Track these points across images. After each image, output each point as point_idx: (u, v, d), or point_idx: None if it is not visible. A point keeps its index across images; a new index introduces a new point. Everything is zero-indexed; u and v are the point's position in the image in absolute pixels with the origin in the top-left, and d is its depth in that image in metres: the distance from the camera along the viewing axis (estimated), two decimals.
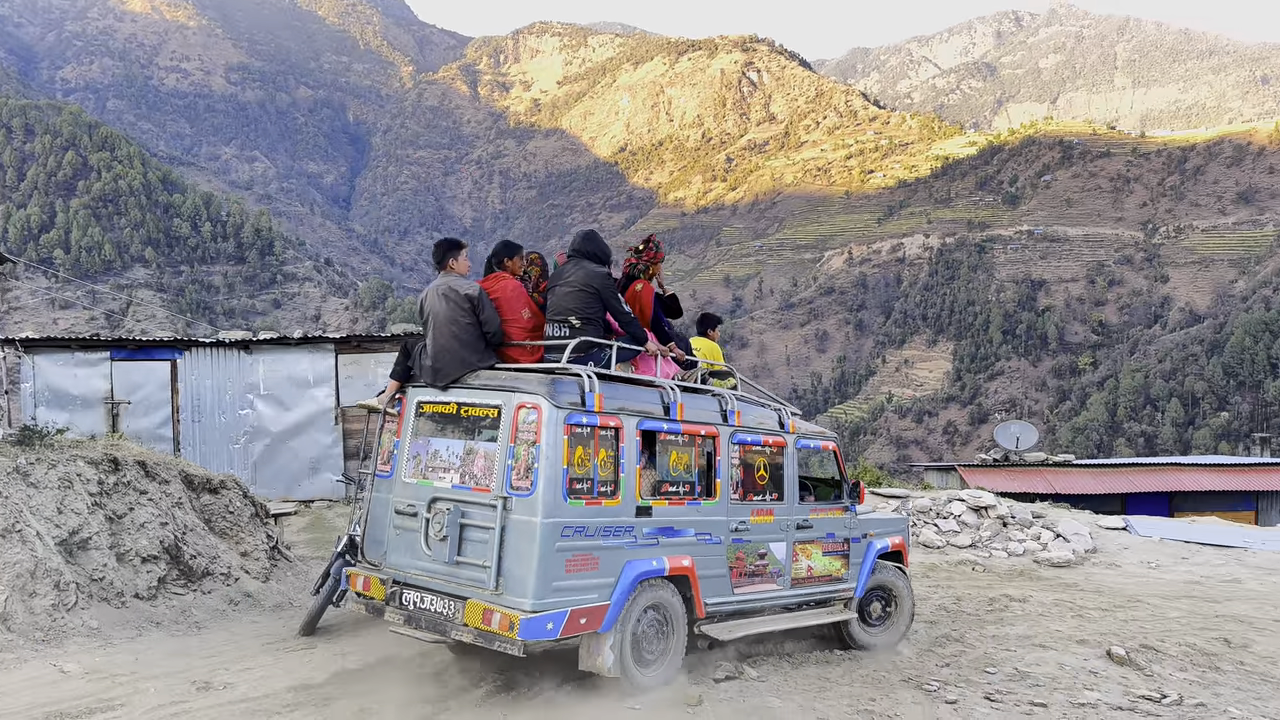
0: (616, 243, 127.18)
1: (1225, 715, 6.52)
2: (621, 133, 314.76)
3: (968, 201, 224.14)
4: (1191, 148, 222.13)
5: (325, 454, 14.56)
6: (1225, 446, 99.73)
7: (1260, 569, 12.50)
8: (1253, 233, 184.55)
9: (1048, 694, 6.82)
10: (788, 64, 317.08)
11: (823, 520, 7.14)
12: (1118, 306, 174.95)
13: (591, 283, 6.16)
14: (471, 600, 5.40)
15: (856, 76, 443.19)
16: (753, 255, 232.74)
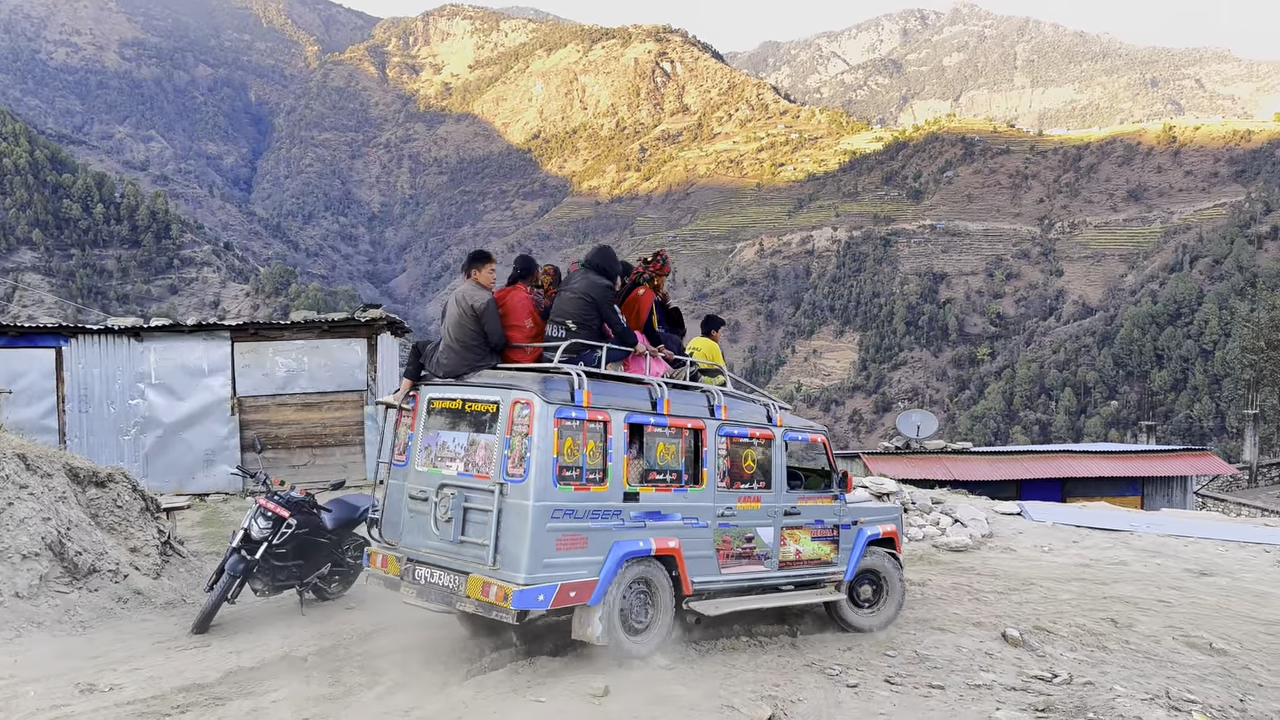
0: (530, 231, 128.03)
1: (1111, 692, 6.79)
2: (535, 119, 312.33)
3: (874, 196, 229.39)
4: (1086, 146, 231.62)
5: (221, 446, 14.08)
6: (1114, 434, 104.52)
7: (1145, 551, 13.09)
8: (1141, 229, 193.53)
9: (945, 676, 6.99)
10: (700, 55, 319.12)
11: (811, 508, 7.61)
12: (1015, 299, 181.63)
13: (590, 292, 6.79)
14: (473, 575, 5.98)
15: (768, 70, 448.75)
16: (666, 245, 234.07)
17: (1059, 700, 6.51)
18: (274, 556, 7.96)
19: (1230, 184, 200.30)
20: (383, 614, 7.93)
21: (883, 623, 8.05)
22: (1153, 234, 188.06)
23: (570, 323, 6.74)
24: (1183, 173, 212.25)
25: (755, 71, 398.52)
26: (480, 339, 6.61)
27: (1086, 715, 6.07)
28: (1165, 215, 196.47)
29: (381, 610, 8.05)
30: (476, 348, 6.61)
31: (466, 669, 6.44)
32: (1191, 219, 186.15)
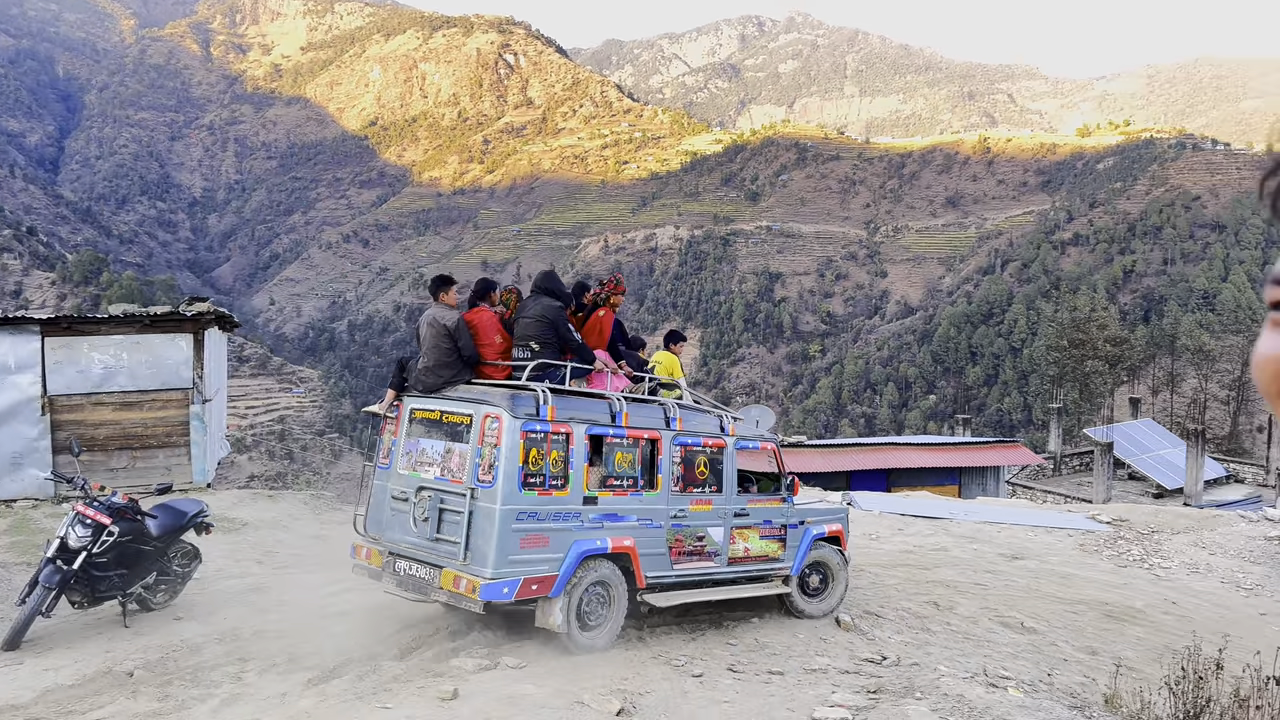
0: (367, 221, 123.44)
1: (935, 672, 7.25)
2: (372, 106, 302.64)
3: (714, 196, 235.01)
4: (909, 155, 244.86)
5: (30, 448, 12.98)
6: (933, 426, 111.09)
7: (963, 538, 14.00)
8: (958, 234, 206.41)
9: (784, 662, 7.29)
10: (544, 49, 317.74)
11: (760, 509, 8.27)
12: (844, 299, 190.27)
13: (547, 314, 7.43)
14: (446, 569, 6.66)
15: (611, 68, 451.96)
16: (511, 240, 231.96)
17: (889, 681, 6.91)
18: (94, 566, 7.45)
19: (1038, 193, 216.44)
20: (214, 624, 7.57)
21: (827, 610, 8.69)
22: (968, 238, 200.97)
23: (533, 344, 7.38)
24: (995, 181, 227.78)
25: (599, 68, 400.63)
26: (454, 355, 7.30)
27: (914, 694, 6.46)
28: (980, 221, 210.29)
29: (213, 620, 7.67)
30: (451, 363, 7.30)
31: (307, 677, 6.23)
32: (1003, 225, 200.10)
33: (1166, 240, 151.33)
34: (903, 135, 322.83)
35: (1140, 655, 9.05)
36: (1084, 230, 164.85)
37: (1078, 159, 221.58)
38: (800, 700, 6.33)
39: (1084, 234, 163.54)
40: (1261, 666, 6.12)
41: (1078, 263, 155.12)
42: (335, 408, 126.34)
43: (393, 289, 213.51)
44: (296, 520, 12.64)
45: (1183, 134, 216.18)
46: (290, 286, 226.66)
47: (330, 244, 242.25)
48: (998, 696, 6.51)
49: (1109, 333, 54.15)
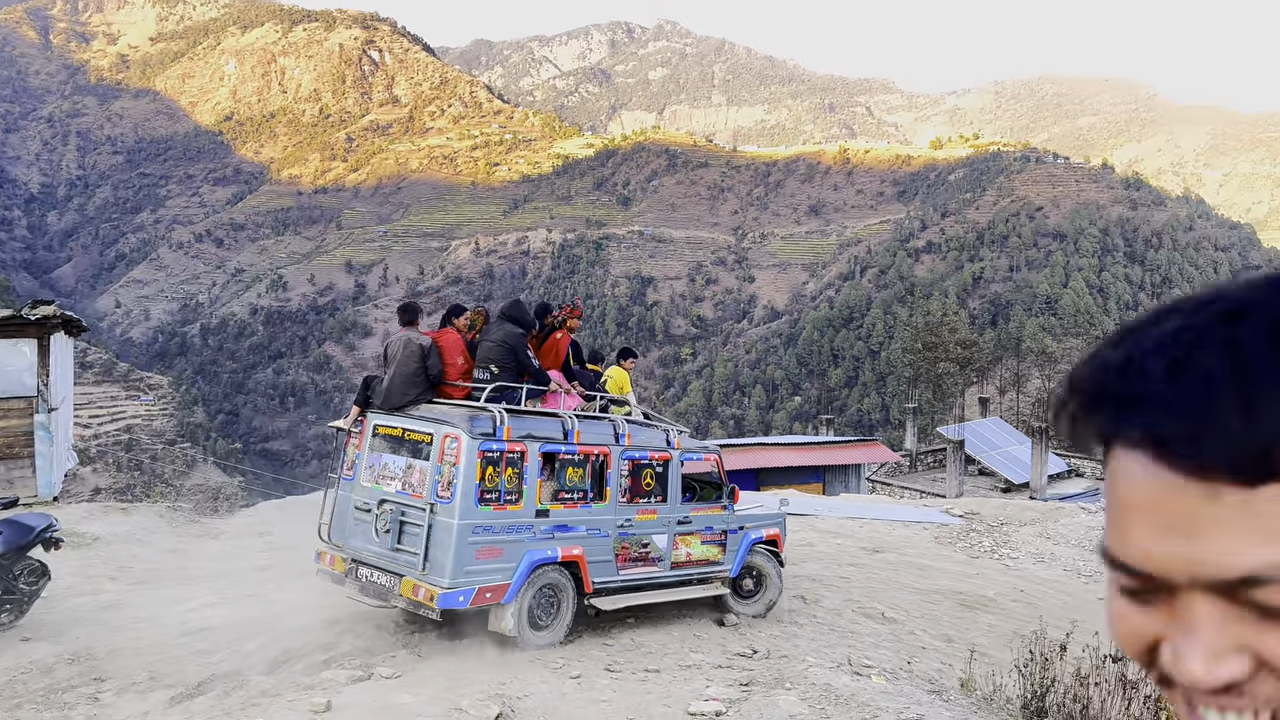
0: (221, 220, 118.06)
1: (804, 663, 7.52)
2: (227, 100, 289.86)
3: (586, 200, 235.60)
4: (774, 164, 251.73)
5: None
6: (799, 427, 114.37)
7: (828, 533, 14.52)
8: (820, 241, 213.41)
9: (659, 660, 7.42)
10: (411, 47, 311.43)
11: (702, 516, 8.74)
12: (713, 303, 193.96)
13: (508, 340, 7.95)
14: (405, 578, 7.03)
15: (481, 68, 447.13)
16: (377, 241, 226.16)
17: (760, 673, 7.12)
18: None
19: (894, 203, 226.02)
20: (66, 643, 7.14)
21: (761, 610, 9.10)
22: (829, 245, 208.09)
23: (493, 367, 7.87)
24: (855, 191, 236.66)
25: (468, 68, 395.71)
26: (422, 375, 7.78)
27: (784, 685, 6.68)
28: (840, 229, 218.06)
29: (64, 639, 7.24)
30: (418, 383, 7.76)
31: (169, 695, 5.97)
32: (862, 233, 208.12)
33: (1012, 248, 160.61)
34: (768, 144, 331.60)
35: (992, 641, 9.60)
36: (936, 239, 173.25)
37: (931, 170, 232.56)
38: (676, 695, 6.46)
39: (937, 242, 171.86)
40: (1099, 647, 6.59)
41: (931, 269, 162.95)
42: (187, 416, 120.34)
43: (249, 290, 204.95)
44: (152, 534, 12.02)
45: (1027, 147, 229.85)
46: (138, 288, 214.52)
47: (182, 244, 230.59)
48: (862, 684, 6.80)
49: (959, 336, 57.04)
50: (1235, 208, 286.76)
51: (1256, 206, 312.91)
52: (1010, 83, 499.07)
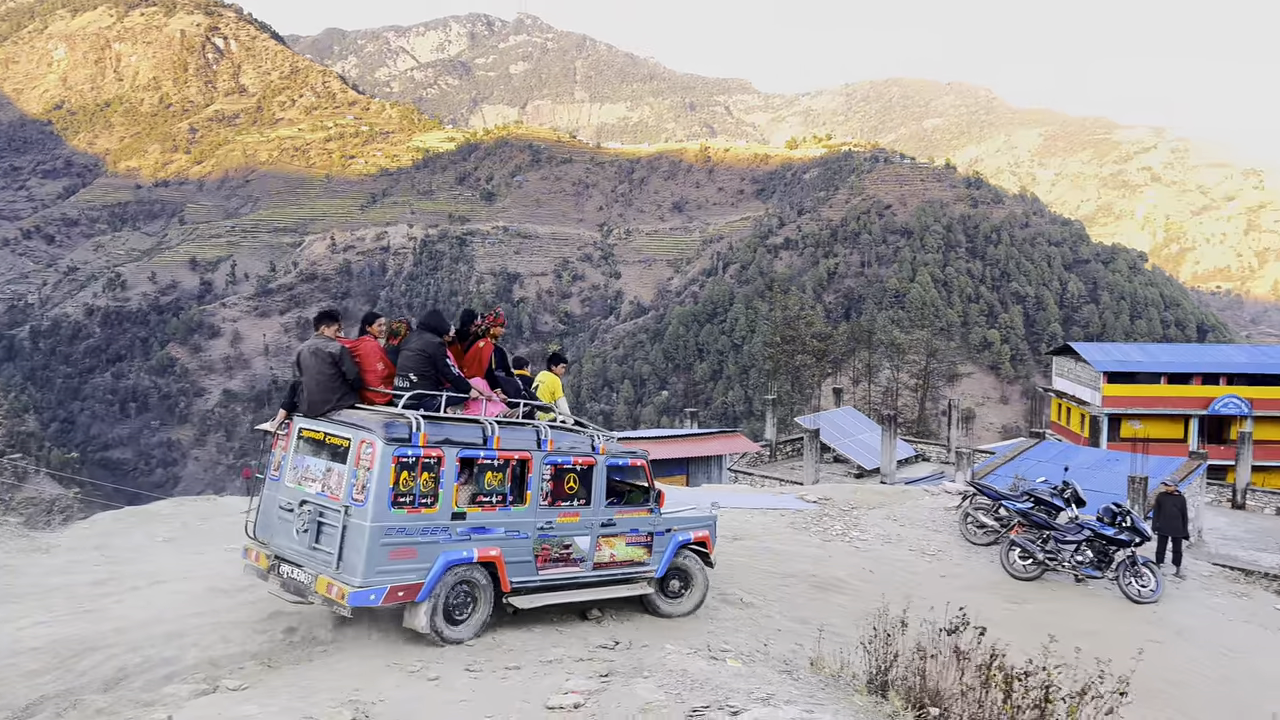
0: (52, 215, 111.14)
1: (663, 650, 7.66)
2: (57, 88, 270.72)
3: (448, 195, 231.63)
4: (637, 161, 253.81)
5: None
6: (666, 420, 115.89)
7: None
8: (684, 238, 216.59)
9: (520, 656, 7.42)
10: (258, 35, 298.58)
11: (627, 519, 8.97)
12: (581, 299, 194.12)
13: (427, 349, 8.16)
14: (321, 576, 7.30)
15: (333, 58, 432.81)
16: (224, 236, 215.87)
17: (620, 664, 7.22)
18: None
19: (753, 200, 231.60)
20: None
21: (687, 610, 9.38)
22: (693, 242, 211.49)
23: (412, 375, 8.11)
24: (716, 189, 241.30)
25: (320, 58, 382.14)
26: (338, 380, 7.93)
27: (642, 673, 6.80)
28: (703, 226, 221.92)
29: None
30: (336, 388, 7.92)
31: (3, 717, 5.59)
32: (723, 229, 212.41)
33: (864, 245, 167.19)
34: (631, 141, 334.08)
35: (843, 620, 10.02)
36: (794, 235, 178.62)
37: (787, 169, 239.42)
38: (536, 690, 6.48)
39: (794, 239, 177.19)
40: (936, 621, 6.99)
41: (789, 265, 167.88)
42: (17, 425, 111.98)
43: (84, 290, 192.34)
44: None
45: (876, 148, 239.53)
46: None
47: (8, 240, 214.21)
48: (717, 668, 6.99)
49: (815, 329, 59.11)
50: (1066, 205, 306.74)
51: (1085, 204, 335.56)
52: (860, 85, 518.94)
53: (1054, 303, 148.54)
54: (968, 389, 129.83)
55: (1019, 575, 13.86)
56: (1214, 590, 14.74)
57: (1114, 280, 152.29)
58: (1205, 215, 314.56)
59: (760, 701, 6.01)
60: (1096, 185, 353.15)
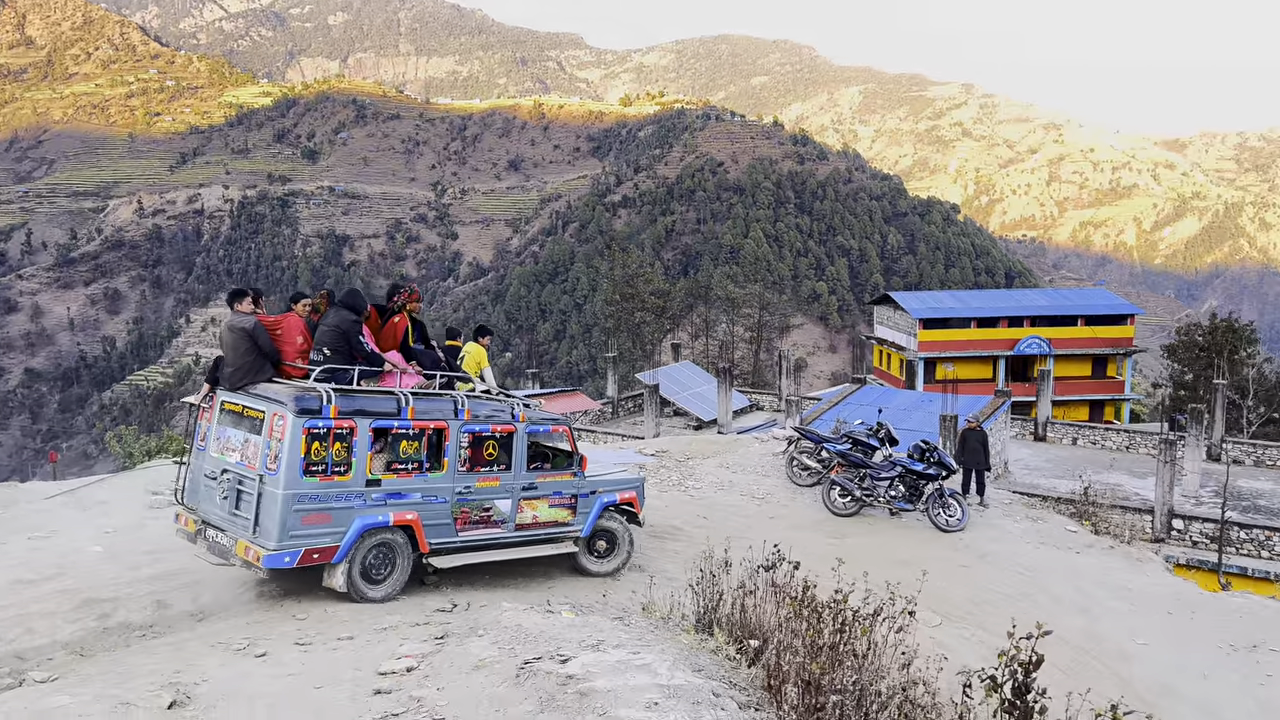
0: None
1: (499, 609, 7.75)
2: None
3: (266, 154, 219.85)
4: (469, 117, 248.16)
5: None
6: (510, 382, 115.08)
7: None
8: (521, 196, 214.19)
9: (353, 627, 7.35)
10: None
11: (549, 483, 9.42)
12: (416, 261, 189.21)
13: (341, 325, 8.49)
14: (240, 540, 7.79)
15: (132, 8, 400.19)
16: (16, 202, 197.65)
17: (456, 625, 7.28)
18: None
19: (589, 158, 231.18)
20: None
21: (613, 569, 9.84)
22: (531, 201, 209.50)
23: (326, 350, 8.43)
24: (552, 146, 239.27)
25: (116, 7, 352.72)
26: (255, 354, 8.26)
27: (478, 632, 6.88)
28: (540, 184, 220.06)
29: None
30: (252, 363, 8.27)
31: None
32: (561, 188, 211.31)
33: (699, 202, 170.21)
34: (462, 97, 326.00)
35: (677, 566, 10.38)
36: (631, 193, 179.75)
37: (622, 127, 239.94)
38: (368, 658, 6.45)
39: (631, 197, 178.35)
40: (755, 559, 7.37)
41: (628, 223, 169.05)
42: None
43: None
44: None
45: (708, 105, 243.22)
46: None
47: None
48: (552, 621, 7.15)
49: (654, 286, 59.93)
50: (885, 161, 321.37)
51: (903, 159, 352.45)
52: (691, 42, 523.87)
53: (876, 255, 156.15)
54: (799, 339, 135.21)
55: (839, 512, 14.73)
56: (1013, 516, 16.08)
57: (930, 232, 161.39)
58: (1011, 168, 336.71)
59: (590, 649, 6.20)
60: (913, 141, 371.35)
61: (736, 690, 5.70)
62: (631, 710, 5.17)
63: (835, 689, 4.46)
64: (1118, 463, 26.48)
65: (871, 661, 5.32)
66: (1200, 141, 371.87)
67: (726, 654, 6.33)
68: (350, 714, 5.44)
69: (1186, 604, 12.22)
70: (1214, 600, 12.69)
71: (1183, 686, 9.46)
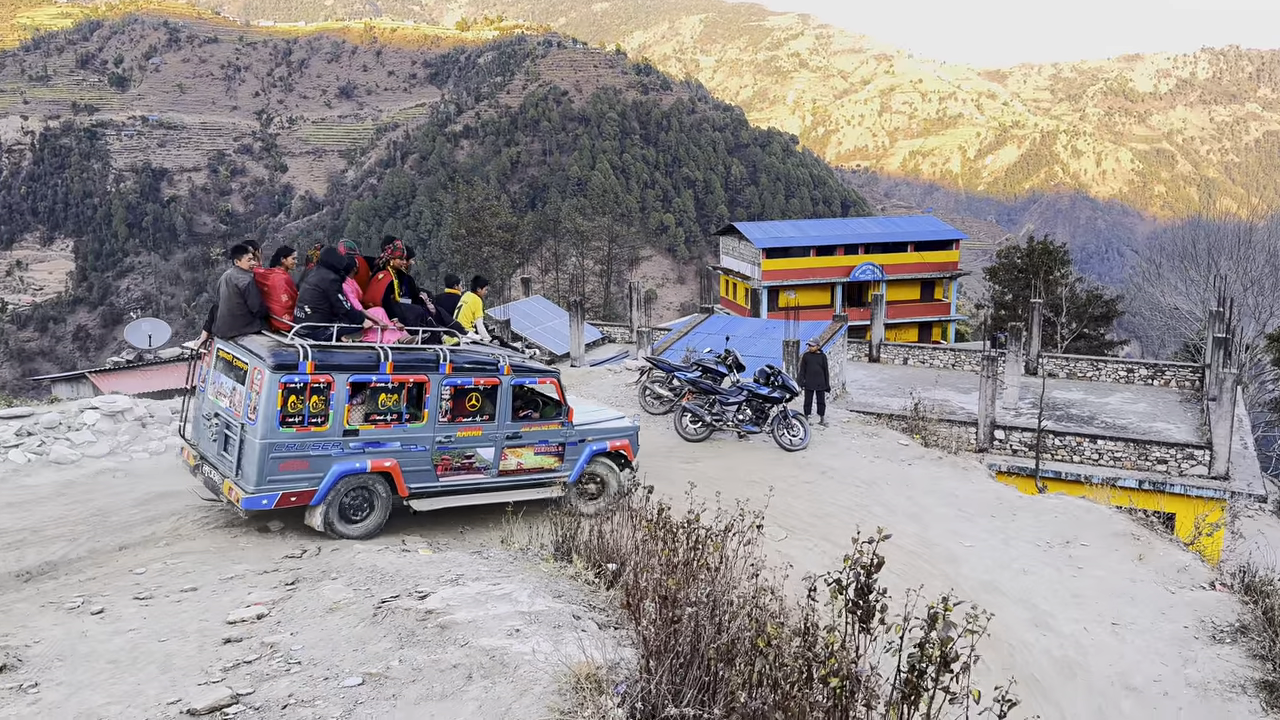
0: None
1: (353, 550, 7.63)
2: None
3: (69, 81, 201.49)
4: (295, 40, 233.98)
5: None
6: None
7: None
8: (356, 126, 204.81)
9: (197, 578, 7.09)
10: None
11: (534, 432, 9.92)
12: (243, 195, 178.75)
13: (320, 284, 8.92)
14: (226, 480, 8.46)
15: None
16: None
17: (307, 570, 7.13)
18: None
19: (427, 85, 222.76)
20: None
21: (600, 509, 10.02)
22: (366, 130, 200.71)
23: (307, 307, 8.85)
24: (386, 72, 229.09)
25: None
26: (244, 309, 8.86)
27: (330, 576, 6.77)
28: (375, 113, 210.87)
29: None
30: (242, 316, 8.89)
31: None
32: (398, 117, 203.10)
33: (544, 132, 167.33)
34: (286, 19, 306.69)
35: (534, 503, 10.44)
36: (473, 123, 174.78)
37: (460, 52, 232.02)
38: (215, 608, 6.25)
39: (473, 126, 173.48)
40: None
41: (471, 154, 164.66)
42: None
43: None
44: None
45: (549, 31, 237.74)
46: None
47: None
48: (408, 559, 7.10)
49: (501, 220, 58.96)
50: (727, 91, 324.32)
51: (743, 90, 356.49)
52: None
53: (720, 186, 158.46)
54: (648, 271, 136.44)
55: (691, 438, 15.14)
56: (851, 434, 16.94)
57: (770, 163, 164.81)
58: (846, 99, 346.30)
59: (449, 583, 6.21)
60: (753, 71, 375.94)
61: (597, 612, 5.84)
62: (493, 639, 5.23)
63: (690, 602, 4.64)
64: (945, 380, 28.19)
65: (724, 575, 5.55)
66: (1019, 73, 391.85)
67: (586, 579, 6.47)
68: (199, 665, 5.27)
69: (1008, 507, 13.25)
70: (1032, 502, 13.78)
71: (1004, 582, 10.32)
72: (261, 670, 5.14)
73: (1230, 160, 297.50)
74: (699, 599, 4.70)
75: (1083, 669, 8.51)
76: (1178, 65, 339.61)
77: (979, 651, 3.69)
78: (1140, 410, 25.28)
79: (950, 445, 17.50)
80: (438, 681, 4.84)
